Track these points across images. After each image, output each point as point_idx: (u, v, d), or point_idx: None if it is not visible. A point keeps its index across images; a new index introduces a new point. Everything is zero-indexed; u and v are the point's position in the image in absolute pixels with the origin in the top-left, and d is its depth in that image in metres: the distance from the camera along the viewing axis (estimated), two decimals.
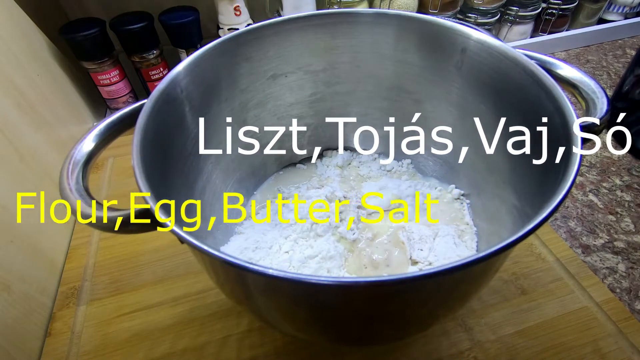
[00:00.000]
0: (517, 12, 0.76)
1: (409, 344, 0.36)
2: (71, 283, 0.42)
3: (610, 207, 0.49)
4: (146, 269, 0.43)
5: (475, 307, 0.38)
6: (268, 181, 0.47)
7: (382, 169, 0.47)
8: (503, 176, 0.35)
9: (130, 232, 0.27)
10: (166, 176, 0.30)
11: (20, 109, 0.44)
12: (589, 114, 0.29)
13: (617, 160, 0.56)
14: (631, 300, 0.40)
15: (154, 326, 0.38)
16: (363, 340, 0.34)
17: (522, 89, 0.32)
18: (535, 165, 0.30)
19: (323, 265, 0.36)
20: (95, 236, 0.47)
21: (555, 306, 0.38)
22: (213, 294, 0.40)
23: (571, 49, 0.81)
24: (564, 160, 0.25)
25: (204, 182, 0.37)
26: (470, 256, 0.19)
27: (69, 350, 0.37)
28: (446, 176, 0.44)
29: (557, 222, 0.48)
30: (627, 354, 0.35)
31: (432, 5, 0.72)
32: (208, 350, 0.36)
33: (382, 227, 0.40)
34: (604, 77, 0.73)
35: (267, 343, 0.37)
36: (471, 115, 0.38)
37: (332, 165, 0.48)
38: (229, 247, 0.39)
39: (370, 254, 0.37)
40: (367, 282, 0.20)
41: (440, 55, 0.38)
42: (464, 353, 0.35)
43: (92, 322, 0.39)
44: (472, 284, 0.27)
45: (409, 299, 0.25)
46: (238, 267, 0.20)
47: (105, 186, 0.53)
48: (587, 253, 0.44)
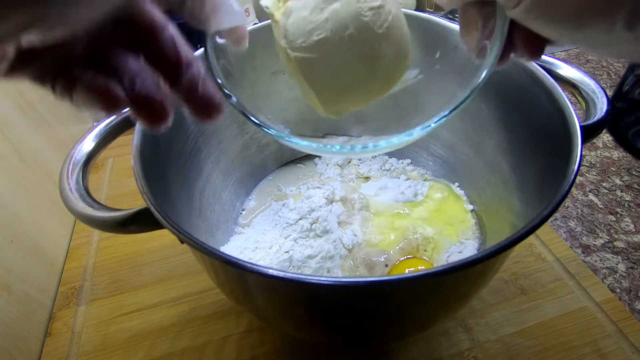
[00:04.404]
0: None
1: (409, 344, 0.36)
2: (71, 283, 0.42)
3: (610, 207, 0.49)
4: (146, 269, 0.43)
5: (475, 307, 0.38)
6: (268, 180, 0.47)
7: (382, 168, 0.47)
8: (503, 176, 0.35)
9: (130, 232, 0.27)
10: (166, 176, 0.30)
11: (20, 109, 0.44)
12: (589, 114, 0.29)
13: (617, 160, 0.56)
14: (631, 300, 0.40)
15: (154, 326, 0.38)
16: (363, 340, 0.34)
17: (522, 89, 0.32)
18: (535, 165, 0.30)
19: (323, 265, 0.36)
20: (95, 236, 0.47)
21: (555, 306, 0.38)
22: (213, 294, 0.40)
23: (571, 49, 0.81)
24: (564, 160, 0.25)
25: (204, 182, 0.37)
26: (470, 256, 0.19)
27: (69, 350, 0.37)
28: (446, 176, 0.44)
29: (557, 222, 0.48)
30: (627, 354, 0.35)
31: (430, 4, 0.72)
32: (208, 350, 0.36)
33: (383, 228, 0.40)
34: (604, 77, 0.73)
35: (267, 343, 0.37)
36: (471, 115, 0.38)
37: (332, 164, 0.48)
38: (229, 247, 0.39)
39: (371, 254, 0.37)
40: (367, 282, 0.20)
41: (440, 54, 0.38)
42: (464, 353, 0.35)
43: (92, 322, 0.39)
44: (472, 284, 0.27)
45: (409, 299, 0.25)
46: (238, 267, 0.20)
47: (105, 186, 0.53)
48: (587, 253, 0.44)
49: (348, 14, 0.21)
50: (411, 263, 0.37)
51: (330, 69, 0.22)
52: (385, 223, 0.40)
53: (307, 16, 0.21)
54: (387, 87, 0.24)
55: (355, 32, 0.21)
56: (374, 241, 0.39)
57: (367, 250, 0.38)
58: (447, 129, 0.42)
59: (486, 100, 0.36)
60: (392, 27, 0.22)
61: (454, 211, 0.41)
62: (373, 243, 0.39)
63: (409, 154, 0.47)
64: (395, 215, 0.41)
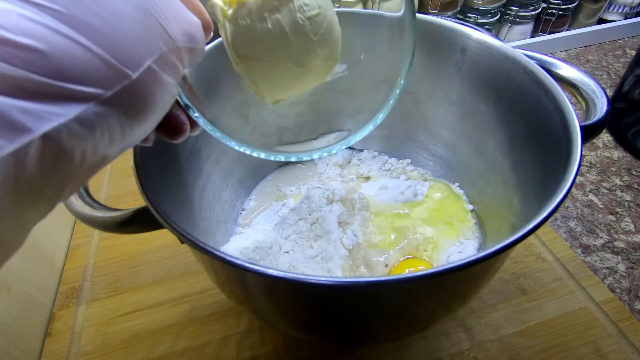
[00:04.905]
0: (517, 12, 0.76)
1: (409, 344, 0.36)
2: (71, 283, 0.42)
3: (610, 207, 0.49)
4: (146, 269, 0.43)
5: (475, 307, 0.38)
6: (268, 180, 0.47)
7: (383, 168, 0.47)
8: (503, 176, 0.35)
9: (130, 232, 0.27)
10: (166, 176, 0.30)
11: None
12: (589, 114, 0.29)
13: (617, 160, 0.56)
14: (631, 300, 0.40)
15: (154, 326, 0.38)
16: (363, 340, 0.34)
17: (522, 89, 0.32)
18: (535, 165, 0.30)
19: (323, 266, 0.36)
20: (95, 236, 0.47)
21: (555, 306, 0.38)
22: (213, 294, 0.40)
23: (571, 49, 0.81)
24: (564, 160, 0.25)
25: (204, 182, 0.37)
26: (470, 256, 0.19)
27: (69, 350, 0.37)
28: (446, 176, 0.44)
29: (557, 222, 0.48)
30: (627, 354, 0.35)
31: (432, 5, 0.72)
32: (208, 350, 0.36)
33: (383, 228, 0.40)
34: (604, 77, 0.73)
35: (267, 343, 0.37)
36: (471, 115, 0.38)
37: (332, 164, 0.48)
38: (229, 247, 0.39)
39: (371, 254, 0.37)
40: (367, 282, 0.20)
41: (440, 55, 0.38)
42: (464, 353, 0.35)
43: (92, 322, 0.39)
44: (472, 284, 0.27)
45: (409, 299, 0.25)
46: (238, 267, 0.20)
47: (105, 186, 0.53)
48: (587, 253, 0.44)
49: (289, 23, 0.23)
50: (411, 263, 0.37)
51: (272, 70, 0.25)
52: (385, 223, 0.40)
53: (252, 24, 0.23)
54: (319, 81, 0.28)
55: (294, 40, 0.24)
56: (374, 241, 0.39)
57: (367, 250, 0.38)
58: (447, 129, 0.42)
59: (486, 100, 0.36)
60: (326, 33, 0.25)
61: (454, 211, 0.41)
62: (373, 243, 0.39)
63: (409, 154, 0.47)
64: (395, 215, 0.41)
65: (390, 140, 0.48)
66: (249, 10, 0.23)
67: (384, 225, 0.40)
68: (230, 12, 0.23)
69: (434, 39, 0.37)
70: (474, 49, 0.35)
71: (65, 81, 0.13)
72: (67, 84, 0.13)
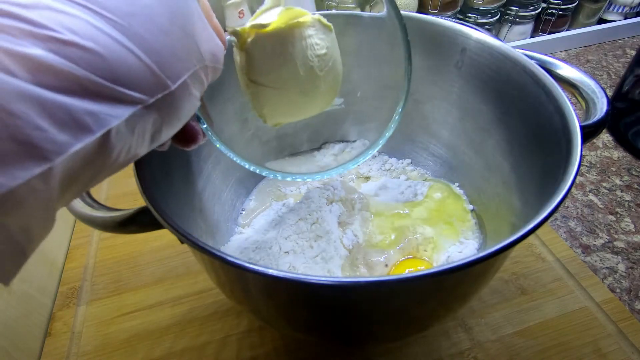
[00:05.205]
0: (517, 12, 0.76)
1: (409, 344, 0.36)
2: (71, 283, 0.42)
3: (610, 207, 0.49)
4: (146, 269, 0.43)
5: (475, 307, 0.38)
6: (268, 180, 0.47)
7: (383, 168, 0.47)
8: (503, 176, 0.35)
9: (130, 232, 0.27)
10: (166, 176, 0.30)
11: None
12: (589, 114, 0.29)
13: (617, 160, 0.56)
14: (631, 300, 0.40)
15: (154, 326, 0.38)
16: (363, 340, 0.34)
17: (522, 89, 0.32)
18: (535, 165, 0.30)
19: (323, 266, 0.36)
20: (95, 236, 0.47)
21: (555, 306, 0.38)
22: (213, 294, 0.40)
23: (571, 49, 0.81)
24: (564, 160, 0.25)
25: (204, 182, 0.37)
26: (470, 256, 0.19)
27: (69, 350, 0.37)
28: (446, 176, 0.44)
29: (557, 222, 0.48)
30: (627, 354, 0.35)
31: (432, 5, 0.72)
32: (208, 350, 0.36)
33: (383, 228, 0.40)
34: (604, 77, 0.73)
35: (267, 343, 0.37)
36: (471, 115, 0.38)
37: None
38: (229, 247, 0.39)
39: (371, 254, 0.37)
40: (367, 282, 0.20)
41: (440, 55, 0.38)
42: (464, 353, 0.35)
43: (92, 322, 0.39)
44: (472, 284, 0.27)
45: (409, 299, 0.25)
46: (238, 267, 0.20)
47: (105, 186, 0.53)
48: (587, 253, 0.44)
49: (300, 58, 0.26)
50: (411, 263, 0.37)
51: (278, 97, 0.28)
52: (385, 223, 0.40)
53: (267, 55, 0.26)
54: (317, 111, 0.31)
55: (302, 73, 0.26)
56: (374, 241, 0.39)
57: (367, 250, 0.38)
58: (447, 129, 0.42)
59: (486, 100, 0.36)
60: (330, 70, 0.28)
61: (454, 211, 0.41)
62: (373, 243, 0.39)
63: (409, 154, 0.47)
64: (395, 215, 0.41)
65: (390, 140, 0.47)
66: (266, 42, 0.25)
67: (384, 225, 0.40)
68: (250, 41, 0.25)
69: (434, 39, 0.37)
70: (474, 49, 0.35)
71: (120, 85, 0.15)
72: (120, 87, 0.15)
